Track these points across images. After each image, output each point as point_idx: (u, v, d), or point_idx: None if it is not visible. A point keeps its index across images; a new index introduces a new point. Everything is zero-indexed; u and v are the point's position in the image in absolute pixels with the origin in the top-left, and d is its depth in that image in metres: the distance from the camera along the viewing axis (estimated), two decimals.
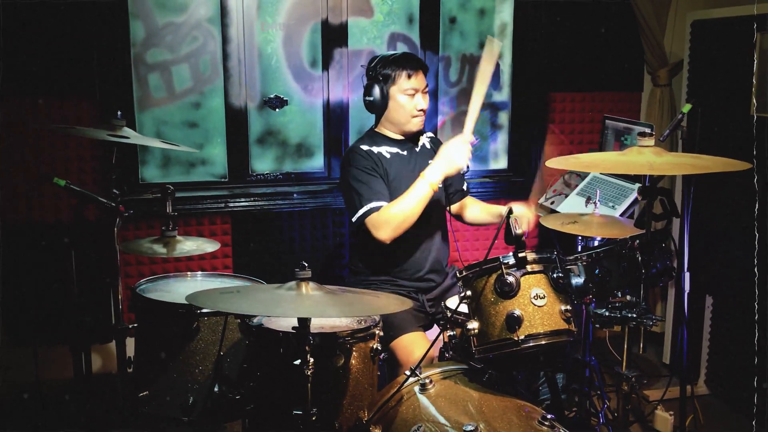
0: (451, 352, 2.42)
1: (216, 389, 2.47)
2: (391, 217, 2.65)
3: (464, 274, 2.11)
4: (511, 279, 1.99)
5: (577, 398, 2.92)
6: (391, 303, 2.04)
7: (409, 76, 2.82)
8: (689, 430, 3.12)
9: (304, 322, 1.91)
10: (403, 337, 2.64)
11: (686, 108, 2.59)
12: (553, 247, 2.15)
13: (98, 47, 3.37)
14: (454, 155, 2.68)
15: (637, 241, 2.13)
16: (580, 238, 2.99)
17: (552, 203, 3.44)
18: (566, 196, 3.40)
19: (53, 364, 3.03)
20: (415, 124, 2.90)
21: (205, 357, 2.49)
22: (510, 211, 2.01)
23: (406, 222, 2.65)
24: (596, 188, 3.00)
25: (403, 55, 2.90)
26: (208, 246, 2.41)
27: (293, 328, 1.92)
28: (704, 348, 3.64)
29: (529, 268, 2.02)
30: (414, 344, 2.61)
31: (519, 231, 1.98)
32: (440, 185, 2.73)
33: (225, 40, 3.64)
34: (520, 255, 1.99)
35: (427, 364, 2.30)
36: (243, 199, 3.73)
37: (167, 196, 2.19)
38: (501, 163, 4.29)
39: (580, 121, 4.18)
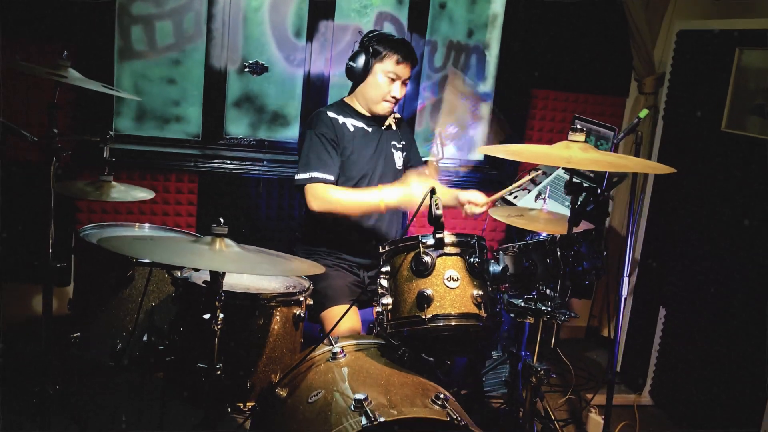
0: (377, 328, 2.44)
1: (144, 338, 2.51)
2: (331, 199, 2.69)
3: (386, 248, 2.13)
4: (426, 258, 2.00)
5: (508, 390, 2.95)
6: (301, 267, 2.06)
7: (398, 62, 2.84)
8: None
9: (215, 277, 1.93)
10: (333, 308, 2.66)
11: (643, 113, 2.59)
12: (511, 239, 2.16)
13: None
14: (416, 195, 2.63)
15: (559, 237, 2.13)
16: (531, 233, 3.00)
17: (515, 198, 3.44)
18: (529, 191, 3.40)
19: None
20: (383, 108, 2.91)
21: (137, 306, 2.52)
22: (433, 191, 2.02)
23: (340, 211, 2.71)
24: (556, 186, 3.00)
25: (402, 42, 2.92)
26: (140, 194, 2.43)
27: (204, 282, 1.95)
28: (652, 359, 3.64)
29: (446, 249, 2.03)
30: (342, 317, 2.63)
31: (438, 212, 1.99)
32: (387, 200, 2.69)
33: (211, 0, 3.65)
34: (438, 235, 2.00)
35: (347, 336, 2.32)
36: (214, 161, 3.75)
37: (106, 142, 2.21)
38: (478, 154, 4.28)
39: (561, 120, 4.16)
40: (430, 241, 2.02)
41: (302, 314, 2.33)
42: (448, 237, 2.02)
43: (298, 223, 3.89)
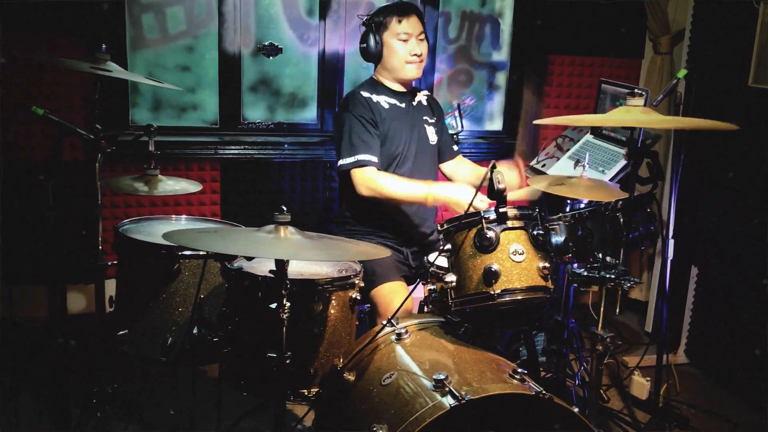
0: (430, 306, 2.43)
1: (195, 331, 2.48)
2: (379, 186, 2.67)
3: (445, 227, 2.11)
4: (490, 234, 1.98)
5: (555, 359, 2.95)
6: (368, 250, 2.04)
7: (400, 21, 2.82)
8: (665, 397, 3.15)
9: (281, 265, 1.91)
10: (384, 285, 2.64)
11: (681, 73, 2.56)
12: (541, 207, 2.14)
13: None
14: (461, 199, 2.57)
15: (620, 202, 2.11)
16: (568, 200, 2.98)
17: (543, 166, 3.42)
18: (557, 159, 3.37)
19: (30, 302, 3.02)
20: (411, 71, 2.87)
21: (185, 299, 2.49)
22: (493, 166, 1.99)
23: (386, 199, 2.70)
24: (586, 152, 2.98)
25: (396, 2, 2.91)
26: (191, 186, 2.40)
27: (270, 271, 1.92)
28: (686, 318, 3.66)
29: (509, 223, 2.01)
30: (394, 293, 2.62)
31: (501, 186, 1.97)
32: (432, 195, 2.65)
33: None
34: (501, 210, 1.98)
35: (405, 316, 2.30)
36: (233, 147, 3.70)
37: (150, 135, 2.16)
38: (496, 124, 4.25)
39: (578, 86, 4.14)
40: (493, 216, 2.00)
41: (357, 297, 2.31)
42: (510, 211, 2.00)
43: (324, 205, 3.87)
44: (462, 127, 3.94)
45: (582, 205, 2.77)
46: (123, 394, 2.46)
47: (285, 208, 1.90)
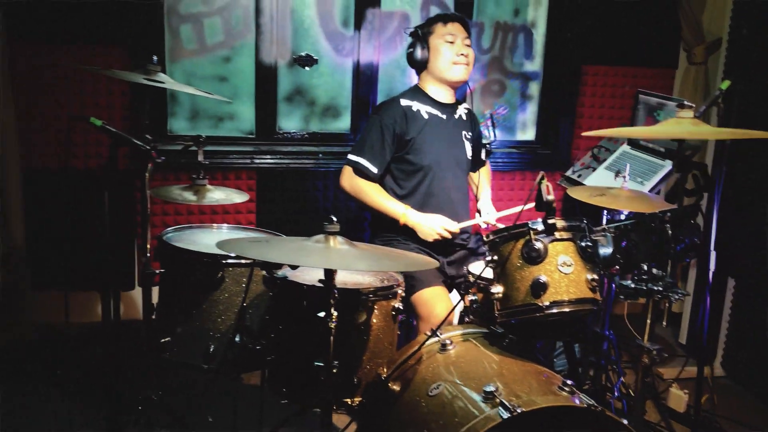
0: (471, 317, 2.43)
1: (237, 339, 2.50)
2: (361, 190, 2.87)
3: (491, 238, 2.11)
4: (539, 245, 1.99)
5: (593, 371, 2.93)
6: (419, 261, 2.05)
7: (445, 24, 2.91)
8: (703, 410, 3.12)
9: (330, 275, 1.92)
10: (425, 290, 2.65)
11: (725, 85, 2.54)
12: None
13: None
14: (428, 230, 2.79)
15: (669, 214, 2.11)
16: (605, 211, 2.97)
17: (579, 176, 3.41)
18: (594, 169, 3.37)
19: (79, 308, 3.07)
20: (458, 72, 2.92)
21: (228, 307, 2.51)
22: (542, 177, 2.00)
23: (360, 202, 2.91)
24: (626, 163, 2.97)
25: (441, 13, 3.03)
26: (237, 197, 2.42)
27: (319, 280, 1.93)
28: (723, 330, 3.63)
29: (557, 235, 2.01)
30: (436, 298, 2.63)
31: (550, 197, 1.97)
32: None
33: None
34: (550, 221, 1.98)
35: (447, 326, 2.31)
36: (269, 156, 3.73)
37: (199, 145, 2.19)
38: (529, 134, 4.25)
39: (611, 96, 4.13)
40: (541, 227, 2.00)
41: (400, 307, 2.32)
42: (559, 222, 2.00)
43: (357, 214, 3.88)
44: (495, 136, 3.94)
45: (622, 217, 2.76)
46: (166, 401, 2.48)
47: (334, 218, 1.91)
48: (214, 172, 3.63)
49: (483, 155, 3.21)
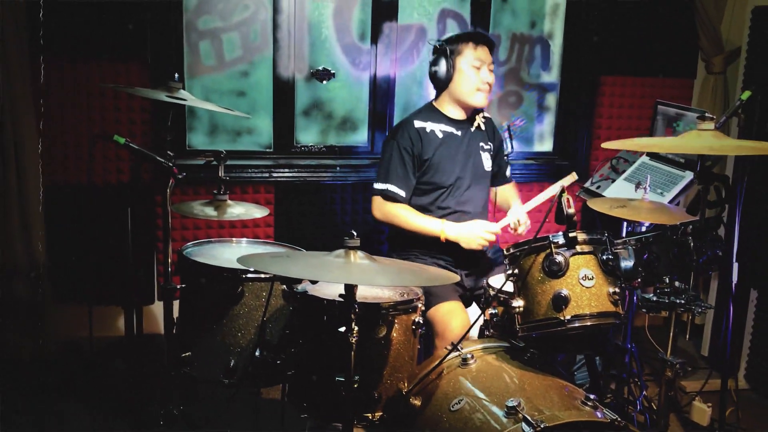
0: (491, 330, 2.42)
1: (257, 354, 2.50)
2: (395, 215, 2.85)
3: (512, 251, 2.11)
4: (560, 258, 1.98)
5: (614, 385, 2.91)
6: (439, 275, 2.05)
7: (476, 47, 2.88)
8: (728, 423, 3.08)
9: (350, 290, 1.92)
10: (442, 305, 2.65)
11: (746, 95, 2.52)
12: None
13: (151, 12, 3.40)
14: (472, 238, 2.76)
15: (690, 226, 2.09)
16: (626, 223, 2.96)
17: (598, 188, 3.40)
18: (613, 181, 3.35)
19: (100, 323, 3.09)
20: (479, 99, 2.91)
21: (248, 321, 2.52)
22: (562, 191, 1.99)
23: (397, 227, 2.88)
24: (646, 174, 2.96)
25: (471, 31, 2.99)
26: (257, 212, 2.44)
27: (340, 295, 1.94)
28: (746, 342, 3.58)
29: (578, 248, 2.01)
30: (452, 314, 2.62)
31: (570, 210, 1.96)
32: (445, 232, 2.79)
33: (276, 10, 3.65)
34: (571, 235, 1.97)
35: (467, 340, 2.30)
36: (287, 170, 3.75)
37: (220, 161, 2.21)
38: (546, 145, 4.24)
39: (629, 106, 4.11)
40: (562, 241, 2.00)
41: (420, 321, 2.31)
42: (580, 235, 1.99)
43: (375, 227, 3.89)
44: (512, 148, 3.92)
45: (642, 229, 2.75)
46: (187, 415, 2.49)
47: (355, 233, 1.92)
48: (233, 186, 3.64)
49: (508, 172, 3.19)
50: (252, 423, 2.49)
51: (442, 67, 2.86)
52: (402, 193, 2.83)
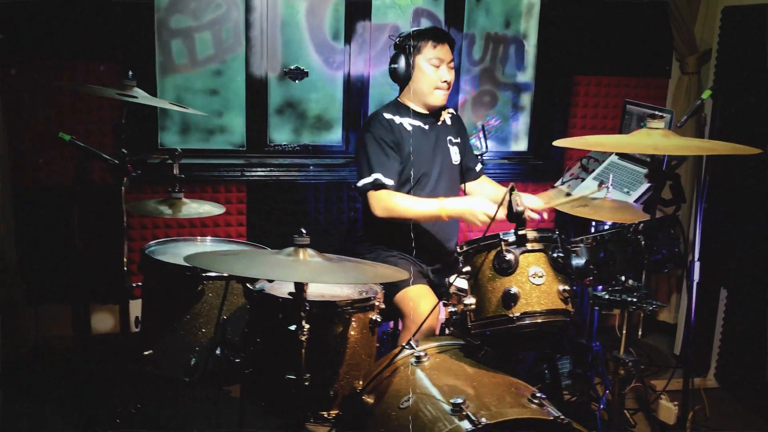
0: (451, 328, 2.42)
1: (218, 352, 2.50)
2: (394, 206, 2.71)
3: (464, 249, 2.11)
4: (509, 256, 1.98)
5: (580, 383, 2.92)
6: (387, 272, 2.05)
7: (435, 46, 2.85)
8: (693, 422, 3.09)
9: (300, 288, 1.92)
10: (409, 289, 2.64)
11: (706, 94, 2.53)
12: (566, 229, 2.14)
13: (123, 11, 3.40)
14: (477, 213, 2.57)
15: (642, 225, 2.10)
16: (593, 222, 2.96)
17: (568, 186, 3.41)
18: (582, 180, 3.36)
19: (57, 322, 3.08)
20: (438, 97, 2.89)
21: (208, 320, 2.52)
22: (512, 188, 1.99)
23: (401, 218, 2.72)
24: (611, 173, 2.96)
25: (432, 28, 2.96)
26: (214, 209, 2.44)
27: (289, 293, 1.94)
28: (716, 341, 3.59)
29: (528, 246, 2.01)
30: (420, 296, 2.62)
31: (520, 208, 1.97)
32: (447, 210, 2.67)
33: (248, 8, 3.65)
34: (520, 232, 1.98)
35: (425, 338, 2.31)
36: (259, 169, 3.75)
37: (175, 159, 2.21)
38: (521, 145, 4.25)
39: (604, 106, 4.12)
40: (512, 239, 2.00)
41: (378, 319, 2.32)
42: (530, 233, 2.00)
43: (360, 225, 3.89)
44: (486, 148, 3.94)
45: (606, 227, 2.75)
46: (147, 414, 2.48)
47: (304, 231, 1.92)
48: (204, 185, 3.65)
49: (478, 167, 3.19)
50: (212, 422, 2.48)
51: (401, 64, 2.85)
52: (390, 181, 2.74)
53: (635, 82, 4.14)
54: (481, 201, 2.62)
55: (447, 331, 2.49)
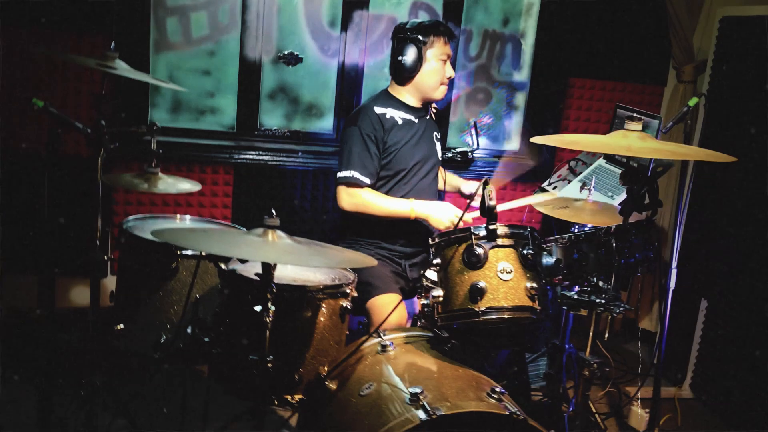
0: (423, 320, 2.41)
1: (189, 331, 2.50)
2: (362, 202, 2.75)
3: (436, 241, 2.10)
4: (479, 250, 1.97)
5: (552, 383, 2.91)
6: (355, 258, 2.05)
7: (446, 43, 2.85)
8: (664, 429, 3.09)
9: (267, 269, 1.92)
10: (379, 297, 2.64)
11: (693, 101, 2.53)
12: (550, 230, 2.13)
13: None
14: (442, 217, 2.69)
15: (614, 227, 2.09)
16: (576, 224, 2.95)
17: (554, 188, 3.40)
18: (569, 182, 3.35)
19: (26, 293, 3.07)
20: (441, 92, 2.91)
21: (181, 298, 2.51)
22: (486, 182, 1.99)
23: (367, 214, 2.77)
24: (594, 176, 2.96)
25: (440, 23, 2.92)
26: (190, 186, 2.43)
27: (256, 274, 1.93)
28: (693, 351, 3.59)
29: (499, 241, 2.00)
30: (389, 305, 2.61)
31: (492, 203, 1.96)
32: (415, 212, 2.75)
33: None
34: (491, 227, 1.97)
35: (394, 329, 2.30)
36: (248, 152, 3.74)
37: (152, 133, 2.20)
38: (513, 144, 4.24)
39: (597, 110, 4.11)
40: (483, 233, 1.99)
41: (349, 306, 2.31)
42: (501, 229, 1.99)
43: (338, 215, 3.89)
44: (477, 145, 3.95)
45: (586, 229, 2.75)
46: (113, 389, 2.48)
47: (274, 212, 1.91)
48: (191, 164, 3.64)
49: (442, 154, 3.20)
50: (178, 400, 2.47)
51: (410, 56, 2.80)
52: (366, 180, 2.75)
53: (631, 88, 4.13)
54: (450, 207, 2.71)
55: (419, 324, 2.49)
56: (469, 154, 3.97)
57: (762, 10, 3.27)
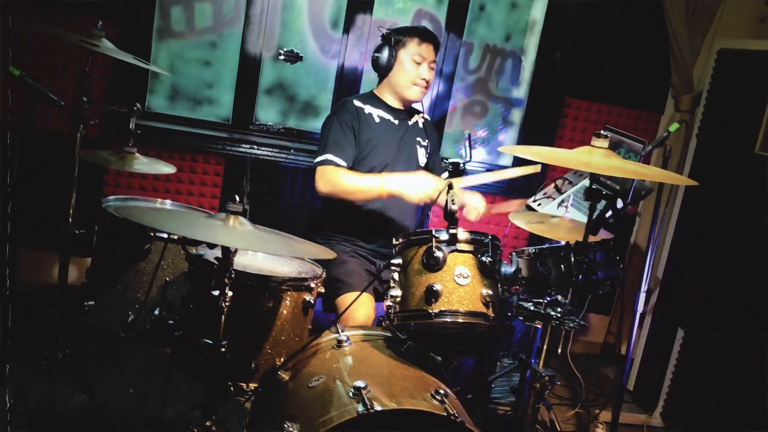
0: (386, 321, 2.43)
1: (156, 312, 2.52)
2: (338, 181, 2.68)
3: (399, 241, 2.12)
4: (438, 253, 1.99)
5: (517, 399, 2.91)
6: (313, 250, 2.07)
7: (420, 43, 2.90)
8: None
9: (227, 253, 1.94)
10: (348, 294, 2.66)
11: (673, 127, 2.54)
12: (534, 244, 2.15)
13: None
14: (420, 188, 2.54)
15: (574, 243, 2.10)
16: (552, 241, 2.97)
17: (539, 205, 3.41)
18: (553, 200, 3.37)
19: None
20: (414, 93, 2.92)
21: (150, 279, 2.55)
22: (450, 186, 2.01)
23: (344, 195, 2.69)
24: (571, 195, 2.97)
25: (420, 26, 3.02)
26: (163, 168, 2.46)
27: (215, 258, 1.96)
28: (666, 380, 3.57)
29: (459, 246, 2.02)
30: (357, 303, 2.62)
31: (454, 207, 1.98)
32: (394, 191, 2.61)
33: None
34: (451, 231, 1.99)
35: (355, 326, 2.32)
36: (242, 145, 3.78)
37: (132, 114, 2.24)
38: (506, 159, 4.25)
39: (592, 132, 4.11)
40: (444, 236, 2.01)
41: (312, 301, 2.32)
42: (462, 233, 2.01)
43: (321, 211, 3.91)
44: (470, 157, 3.94)
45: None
46: (73, 361, 2.51)
47: (238, 198, 1.94)
48: (183, 152, 3.68)
49: (444, 175, 3.20)
50: (138, 380, 2.50)
51: (383, 55, 2.91)
52: (342, 162, 2.74)
53: (627, 113, 4.14)
54: (427, 178, 2.55)
55: (384, 324, 2.50)
56: (461, 165, 3.98)
57: (759, 45, 3.29)
